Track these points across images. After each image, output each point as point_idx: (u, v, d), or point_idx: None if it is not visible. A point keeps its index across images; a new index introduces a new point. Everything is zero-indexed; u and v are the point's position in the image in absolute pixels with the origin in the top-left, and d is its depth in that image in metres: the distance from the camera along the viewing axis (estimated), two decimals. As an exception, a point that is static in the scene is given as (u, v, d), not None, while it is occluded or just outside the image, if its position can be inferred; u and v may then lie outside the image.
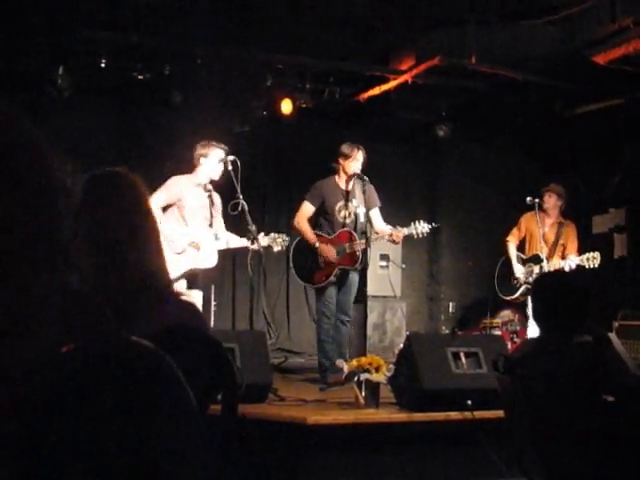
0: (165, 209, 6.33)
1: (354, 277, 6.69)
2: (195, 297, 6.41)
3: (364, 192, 6.56)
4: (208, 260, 6.36)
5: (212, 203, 6.51)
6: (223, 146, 6.46)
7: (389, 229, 6.70)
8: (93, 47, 7.71)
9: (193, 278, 6.36)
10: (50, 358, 0.90)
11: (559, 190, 7.81)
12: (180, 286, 6.24)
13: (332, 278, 6.60)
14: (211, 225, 6.49)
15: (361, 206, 6.66)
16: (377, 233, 6.71)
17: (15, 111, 1.04)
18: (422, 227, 6.72)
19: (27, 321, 0.92)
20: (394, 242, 6.77)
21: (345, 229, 6.70)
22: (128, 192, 1.94)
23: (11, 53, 7.26)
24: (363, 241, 6.45)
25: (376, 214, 6.78)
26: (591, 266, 7.26)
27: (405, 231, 6.69)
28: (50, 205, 1.01)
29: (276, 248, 6.62)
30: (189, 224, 6.35)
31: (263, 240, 6.44)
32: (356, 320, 7.34)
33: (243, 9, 7.36)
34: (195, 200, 6.41)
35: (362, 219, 6.64)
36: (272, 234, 6.60)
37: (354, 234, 6.65)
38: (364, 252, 6.43)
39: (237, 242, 6.53)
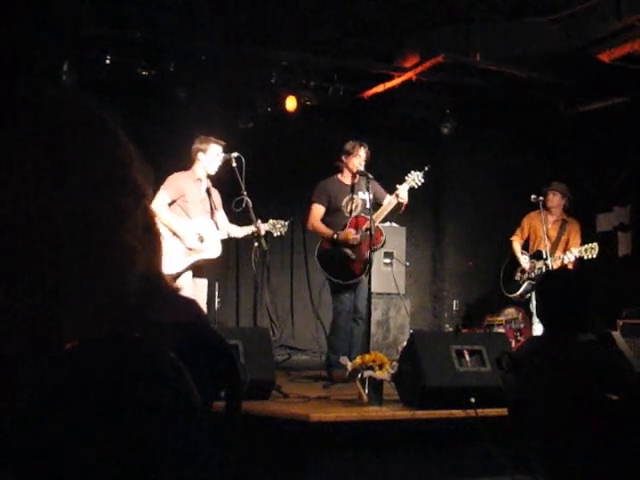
0: (169, 204, 6.35)
1: (365, 278, 6.70)
2: (201, 285, 6.46)
3: (368, 189, 6.58)
4: (212, 251, 6.39)
5: (211, 198, 6.53)
6: (221, 141, 6.47)
7: (390, 197, 6.71)
8: (98, 43, 7.71)
9: (197, 268, 6.40)
10: (54, 355, 0.90)
11: (562, 188, 7.82)
12: (186, 277, 6.29)
13: (368, 264, 6.56)
14: (212, 219, 6.52)
15: (366, 195, 6.66)
16: (380, 205, 6.70)
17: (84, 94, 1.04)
18: (417, 176, 6.75)
19: (50, 318, 0.92)
20: (402, 205, 6.71)
21: (352, 218, 6.72)
22: None
23: (16, 49, 7.26)
24: (370, 217, 6.47)
25: (387, 199, 6.78)
26: (590, 257, 7.28)
27: (405, 186, 6.68)
28: (116, 195, 1.00)
29: (275, 234, 6.67)
30: (192, 217, 6.38)
31: (262, 227, 6.47)
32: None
33: (248, 6, 7.36)
34: (196, 194, 6.44)
35: (368, 205, 6.63)
36: (271, 220, 6.64)
37: (362, 216, 6.66)
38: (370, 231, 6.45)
39: (239, 232, 6.55)
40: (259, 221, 6.46)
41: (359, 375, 4.95)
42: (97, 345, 0.92)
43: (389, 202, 6.70)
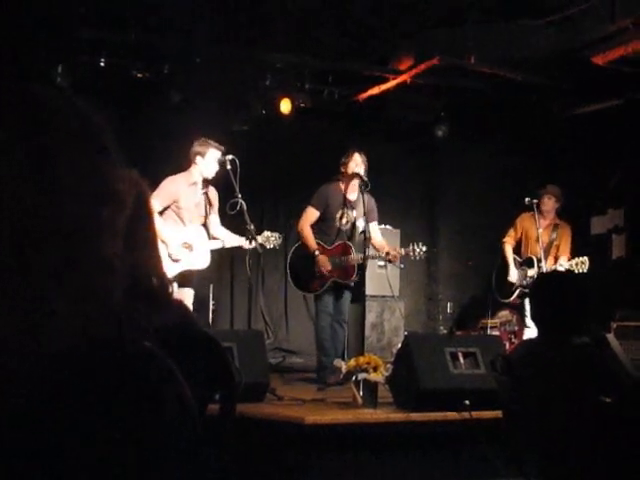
0: (162, 210, 6.31)
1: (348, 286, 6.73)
2: (186, 295, 6.40)
3: (364, 202, 6.53)
4: (200, 261, 6.34)
5: (208, 200, 6.50)
6: (220, 146, 6.45)
7: (387, 246, 6.74)
8: (92, 46, 7.70)
9: (184, 277, 6.32)
10: (50, 359, 0.90)
11: (557, 192, 7.82)
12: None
13: (326, 288, 6.63)
14: (205, 224, 6.49)
15: (361, 218, 6.65)
16: (374, 246, 6.71)
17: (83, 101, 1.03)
18: (419, 250, 6.78)
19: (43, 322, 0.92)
20: (389, 261, 6.76)
21: (343, 241, 6.71)
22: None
23: (10, 52, 7.25)
24: (360, 256, 6.47)
25: (375, 228, 6.80)
26: (580, 271, 7.29)
27: (403, 252, 6.75)
28: (95, 208, 0.99)
29: (269, 246, 6.65)
30: (186, 223, 6.35)
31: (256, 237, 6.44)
32: (354, 320, 7.35)
33: (242, 8, 7.36)
34: (190, 199, 6.40)
35: (360, 230, 6.64)
36: (265, 232, 6.62)
37: (352, 248, 6.66)
38: (360, 267, 6.48)
39: (234, 241, 6.52)
40: (252, 226, 6.44)
41: (354, 378, 4.95)
42: (95, 347, 0.92)
43: (379, 256, 6.75)
